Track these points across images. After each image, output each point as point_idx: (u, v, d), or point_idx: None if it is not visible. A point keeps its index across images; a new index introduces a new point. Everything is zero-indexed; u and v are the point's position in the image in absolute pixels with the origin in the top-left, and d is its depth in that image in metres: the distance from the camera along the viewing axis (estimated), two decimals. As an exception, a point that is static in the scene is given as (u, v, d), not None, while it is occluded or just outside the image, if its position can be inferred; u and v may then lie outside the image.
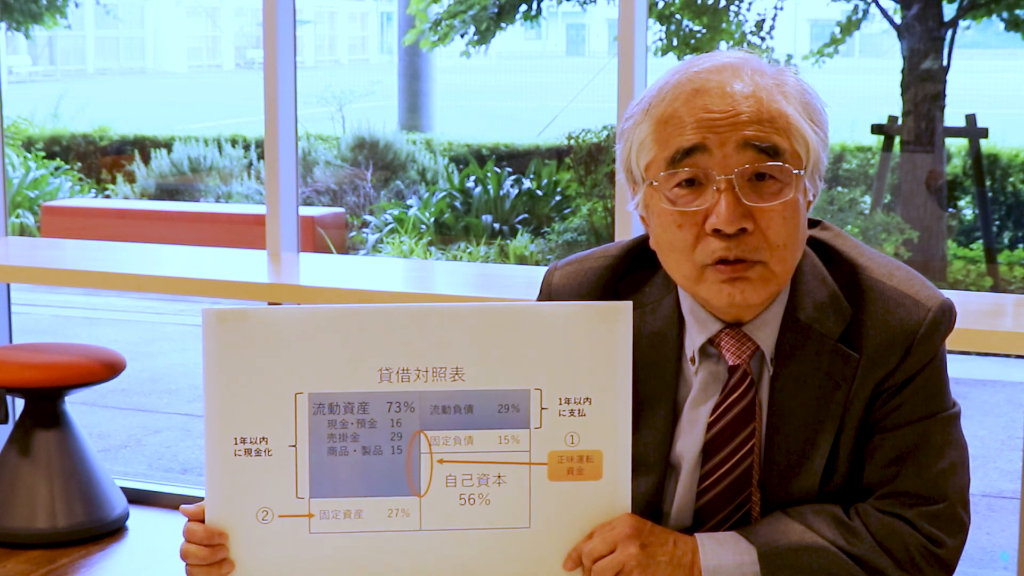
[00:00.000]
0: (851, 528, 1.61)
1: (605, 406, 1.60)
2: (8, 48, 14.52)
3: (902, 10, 8.63)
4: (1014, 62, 11.78)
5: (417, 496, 1.58)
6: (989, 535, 4.45)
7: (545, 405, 1.59)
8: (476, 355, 1.58)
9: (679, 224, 1.58)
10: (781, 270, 1.59)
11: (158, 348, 7.23)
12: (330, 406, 1.57)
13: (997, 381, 6.60)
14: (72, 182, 10.94)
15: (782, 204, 1.57)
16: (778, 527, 1.61)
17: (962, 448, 1.67)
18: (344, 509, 1.57)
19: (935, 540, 1.62)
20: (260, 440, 1.57)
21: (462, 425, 1.58)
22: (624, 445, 1.60)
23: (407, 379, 1.58)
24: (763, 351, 1.65)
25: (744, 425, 1.65)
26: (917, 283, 1.66)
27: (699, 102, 1.57)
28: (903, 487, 1.62)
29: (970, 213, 9.17)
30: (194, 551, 1.60)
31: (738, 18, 9.15)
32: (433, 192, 9.89)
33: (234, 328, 1.57)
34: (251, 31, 16.22)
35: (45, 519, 3.93)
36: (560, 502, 1.59)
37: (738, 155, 1.56)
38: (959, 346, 3.20)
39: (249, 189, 10.53)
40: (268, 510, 1.57)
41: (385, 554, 1.57)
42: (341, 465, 1.57)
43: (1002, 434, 5.71)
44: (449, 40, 9.84)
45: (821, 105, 1.63)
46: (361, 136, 10.53)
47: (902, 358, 1.62)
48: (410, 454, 1.58)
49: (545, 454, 1.59)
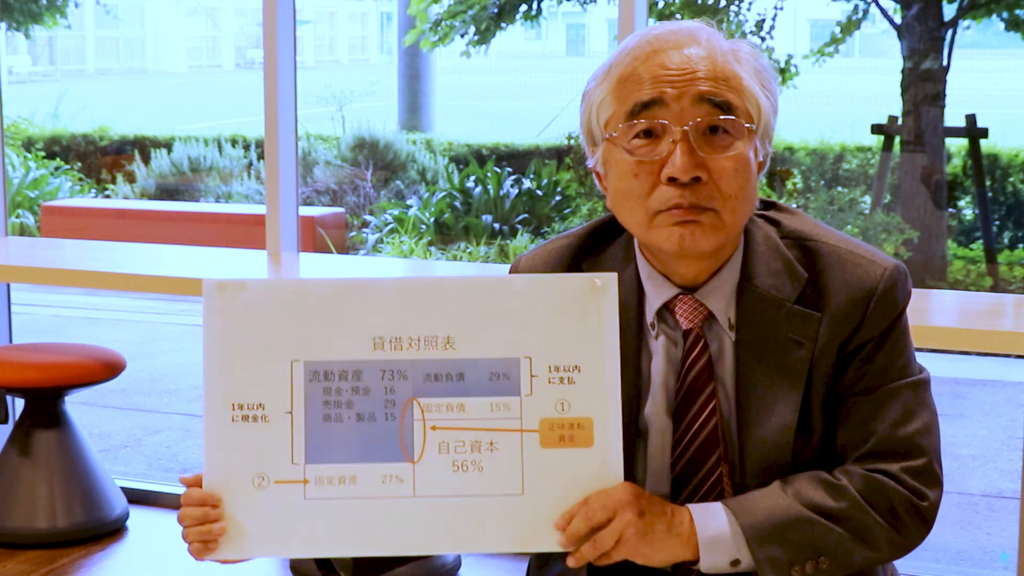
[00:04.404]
0: (837, 487, 1.65)
1: (594, 374, 1.63)
2: (8, 48, 14.52)
3: (902, 10, 8.63)
4: (1014, 62, 11.78)
5: (411, 462, 1.60)
6: (989, 535, 4.45)
7: (535, 373, 1.63)
8: (467, 325, 1.63)
9: (635, 173, 1.66)
10: (731, 220, 1.67)
11: (158, 348, 7.23)
12: (325, 374, 1.61)
13: (997, 381, 6.60)
14: (72, 182, 10.94)
15: (734, 156, 1.65)
16: (763, 500, 1.64)
17: (933, 412, 1.72)
18: (339, 475, 1.59)
19: (918, 494, 1.66)
20: (257, 406, 1.60)
21: (454, 393, 1.62)
22: (615, 412, 1.63)
23: (400, 348, 1.62)
24: (715, 316, 1.72)
25: (703, 387, 1.71)
26: (871, 249, 1.74)
27: (657, 60, 1.66)
28: (882, 446, 1.67)
29: (970, 213, 9.17)
30: (188, 512, 1.64)
31: (738, 18, 9.16)
32: (433, 192, 9.89)
33: (233, 297, 1.62)
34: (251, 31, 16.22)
35: (45, 519, 3.93)
36: (552, 469, 1.62)
37: (693, 108, 1.64)
38: (959, 346, 3.20)
39: (249, 189, 10.53)
40: (264, 475, 1.59)
41: (379, 520, 1.59)
42: (336, 431, 1.60)
43: (1002, 434, 5.71)
44: (449, 40, 9.84)
45: (773, 76, 1.72)
46: (361, 136, 10.53)
47: (864, 313, 1.68)
48: (403, 421, 1.61)
49: (536, 421, 1.62)
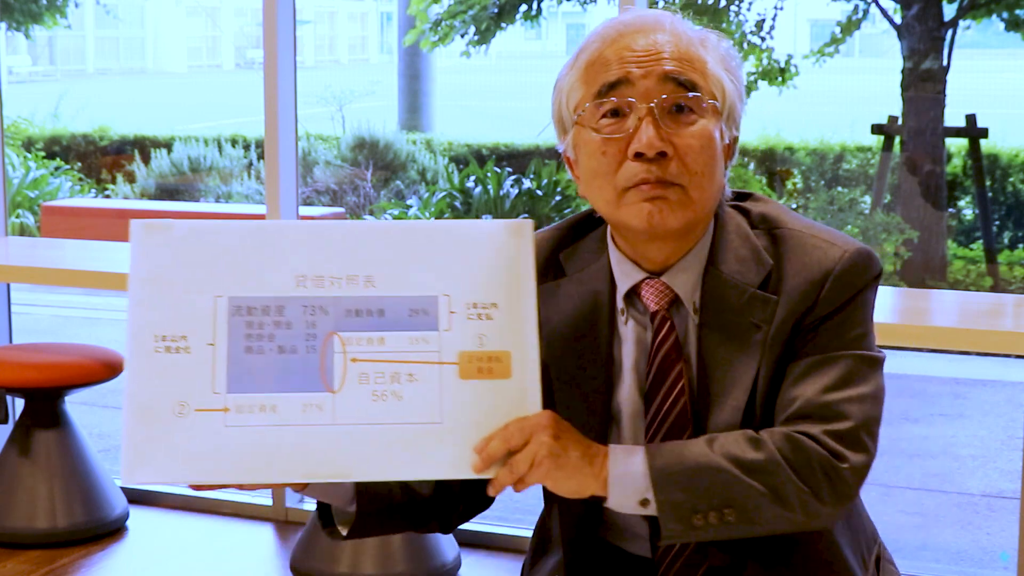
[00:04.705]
0: (756, 440, 1.64)
1: (511, 311, 1.67)
2: (8, 48, 14.52)
3: (902, 10, 8.63)
4: (1014, 62, 11.78)
5: (331, 392, 1.62)
6: (989, 535, 4.45)
7: (453, 309, 1.66)
8: (387, 265, 1.67)
9: (603, 151, 1.70)
10: (699, 197, 1.69)
11: (158, 348, 7.20)
12: (248, 309, 1.64)
13: (997, 381, 6.60)
14: (72, 182, 10.94)
15: (699, 132, 1.69)
16: (682, 448, 1.64)
17: (876, 389, 1.70)
18: (259, 404, 1.61)
19: (837, 455, 1.64)
20: (180, 338, 1.62)
21: (374, 328, 1.65)
22: (532, 347, 1.66)
23: (321, 285, 1.66)
24: (681, 299, 1.75)
25: (671, 367, 1.74)
26: (837, 234, 1.74)
27: (623, 43, 1.71)
28: (808, 408, 1.66)
29: (970, 213, 9.17)
30: None
31: (738, 18, 9.16)
32: (433, 192, 9.89)
33: (159, 236, 1.66)
34: (251, 31, 16.22)
35: (45, 519, 3.93)
36: (471, 399, 1.64)
37: (659, 87, 1.69)
38: (959, 346, 3.20)
39: (249, 189, 10.53)
40: (184, 403, 1.60)
41: (299, 446, 1.61)
42: (257, 363, 1.62)
43: (1002, 434, 5.71)
44: (449, 40, 9.84)
45: (739, 64, 1.77)
46: (361, 136, 10.53)
47: (819, 294, 1.69)
48: (324, 353, 1.63)
49: (455, 354, 1.65)
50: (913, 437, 5.59)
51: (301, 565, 3.63)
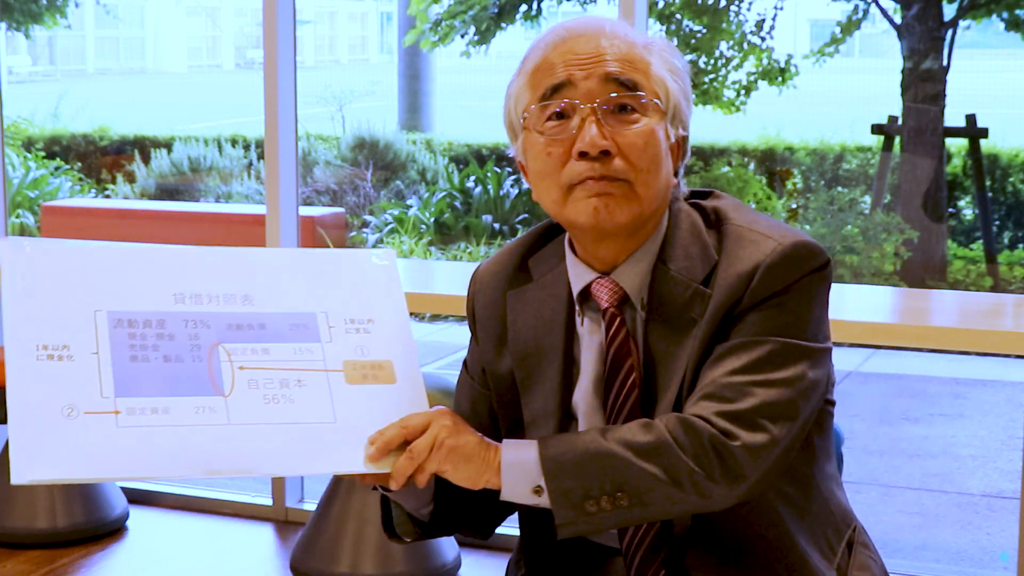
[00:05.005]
0: (647, 424, 1.65)
1: (387, 325, 1.75)
2: (8, 48, 14.53)
3: (902, 10, 8.63)
4: (1014, 62, 11.79)
5: (222, 396, 1.63)
6: (989, 535, 4.45)
7: (332, 324, 1.72)
8: (263, 286, 1.72)
9: (548, 152, 1.73)
10: (645, 193, 1.71)
11: (158, 348, 7.21)
12: (129, 322, 1.65)
13: (997, 381, 6.60)
14: (72, 182, 10.94)
15: (642, 130, 1.71)
16: (574, 437, 1.66)
17: (796, 376, 1.68)
18: (151, 407, 1.60)
19: (727, 433, 1.63)
20: (62, 347, 1.61)
21: (257, 339, 1.68)
22: (411, 355, 1.74)
23: (200, 302, 1.68)
24: (630, 296, 1.76)
25: (623, 363, 1.75)
26: (780, 228, 1.74)
27: (567, 47, 1.74)
28: (710, 390, 1.67)
29: (970, 213, 9.17)
30: None
31: (738, 18, 9.15)
32: (433, 192, 9.89)
33: (36, 256, 1.67)
34: (251, 31, 16.23)
35: (45, 519, 3.93)
36: (361, 401, 1.68)
37: (601, 87, 1.71)
38: (959, 346, 3.20)
39: (249, 189, 10.53)
40: (72, 407, 1.58)
41: (197, 443, 1.60)
42: (144, 370, 1.62)
43: (1002, 434, 5.71)
44: (449, 40, 9.85)
45: (685, 68, 1.79)
46: (361, 136, 10.53)
47: (748, 285, 1.69)
48: (210, 362, 1.65)
49: (340, 362, 1.69)
50: (913, 437, 5.59)
51: (301, 565, 3.63)
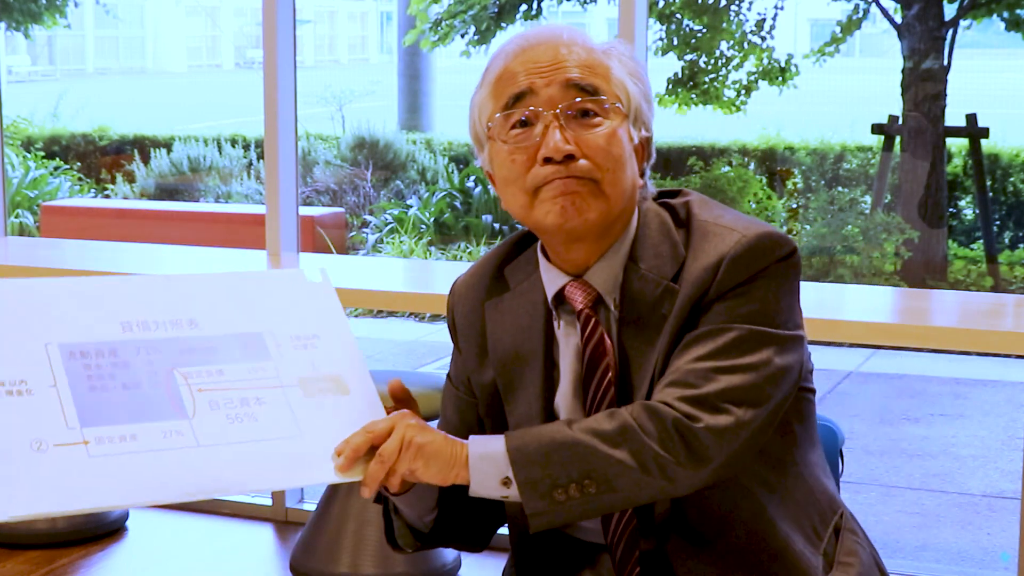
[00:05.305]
0: (612, 412, 1.66)
1: (331, 339, 1.77)
2: (8, 48, 14.53)
3: (902, 10, 8.63)
4: (1014, 62, 11.79)
5: (187, 419, 1.64)
6: (989, 535, 4.45)
7: (279, 342, 1.74)
8: (206, 310, 1.74)
9: (513, 159, 1.75)
10: (612, 192, 1.73)
11: (158, 348, 7.20)
12: (82, 352, 1.65)
13: (997, 381, 6.60)
14: (72, 182, 10.94)
15: (605, 133, 1.73)
16: (540, 429, 1.67)
17: (762, 362, 1.69)
18: (119, 434, 1.61)
19: (690, 416, 1.64)
20: (20, 382, 1.61)
21: (210, 361, 1.69)
22: (360, 366, 1.76)
23: (148, 329, 1.70)
24: (603, 296, 1.78)
25: (599, 363, 1.77)
26: (744, 221, 1.75)
27: (528, 56, 1.76)
28: (675, 377, 1.68)
29: (970, 213, 9.17)
30: None
31: (738, 18, 9.15)
32: (433, 192, 9.89)
33: None
34: (251, 31, 16.23)
35: (45, 519, 3.93)
36: (321, 413, 1.70)
37: (562, 93, 1.74)
38: (959, 346, 3.20)
39: (249, 189, 10.53)
40: (41, 441, 1.58)
41: (169, 468, 1.60)
42: (105, 399, 1.62)
43: (1002, 434, 5.71)
44: (449, 40, 9.84)
45: (644, 71, 1.82)
46: (361, 136, 10.53)
47: (714, 277, 1.71)
48: (168, 387, 1.65)
49: (295, 379, 1.72)
50: (913, 437, 5.59)
51: (301, 565, 3.63)
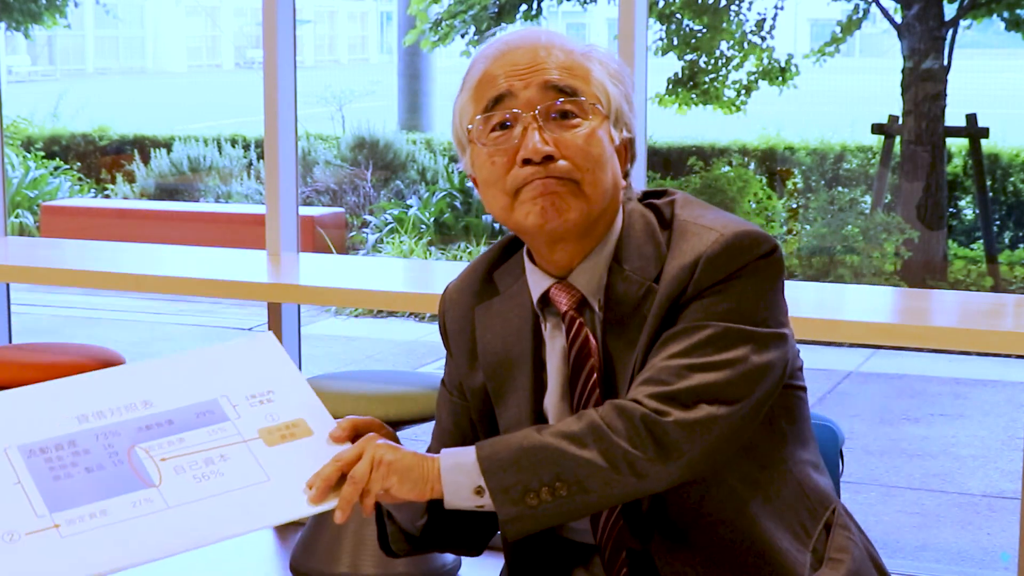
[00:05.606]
0: (580, 414, 1.66)
1: (287, 390, 1.78)
2: (8, 48, 14.53)
3: (902, 10, 8.62)
4: (1014, 62, 11.79)
5: (154, 487, 1.65)
6: (990, 535, 4.45)
7: (235, 403, 1.74)
8: (157, 390, 1.75)
9: (493, 161, 1.75)
10: (592, 192, 1.73)
11: (158, 348, 7.23)
12: (41, 450, 1.67)
13: (997, 381, 6.60)
14: (72, 182, 10.94)
15: (584, 133, 1.73)
16: (509, 437, 1.67)
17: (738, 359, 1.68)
18: (88, 513, 1.62)
19: (659, 412, 1.64)
20: None
21: (169, 433, 1.70)
22: (319, 409, 1.76)
23: (104, 416, 1.71)
24: (587, 298, 1.78)
25: (584, 365, 1.77)
26: (724, 219, 1.74)
27: (507, 59, 1.77)
28: (648, 374, 1.68)
29: (970, 213, 9.17)
30: None
31: (738, 18, 9.15)
32: (433, 192, 9.89)
33: None
34: (251, 31, 16.23)
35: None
36: (287, 457, 1.70)
37: (541, 95, 1.74)
38: (959, 346, 3.20)
39: (249, 189, 10.53)
40: (12, 533, 1.60)
41: (141, 534, 1.61)
42: (70, 485, 1.64)
43: (1002, 434, 5.71)
44: (449, 40, 9.84)
45: (626, 73, 1.81)
46: (361, 136, 10.53)
47: (691, 276, 1.70)
48: (131, 463, 1.67)
49: (255, 431, 1.72)
50: (913, 437, 5.59)
51: (301, 565, 3.63)
